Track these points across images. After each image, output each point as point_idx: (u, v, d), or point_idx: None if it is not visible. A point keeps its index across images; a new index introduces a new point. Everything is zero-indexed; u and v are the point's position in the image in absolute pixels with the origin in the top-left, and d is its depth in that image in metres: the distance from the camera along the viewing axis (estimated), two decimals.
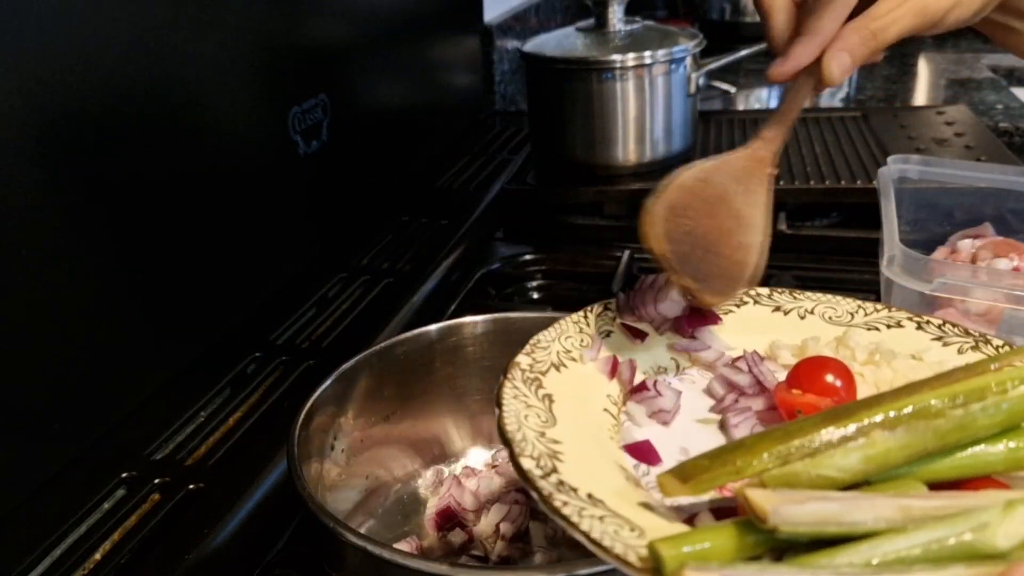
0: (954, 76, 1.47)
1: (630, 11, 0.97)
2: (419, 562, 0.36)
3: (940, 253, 0.69)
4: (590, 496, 0.32)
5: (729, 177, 0.46)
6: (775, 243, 0.45)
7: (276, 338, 0.69)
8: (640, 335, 0.45)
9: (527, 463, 0.33)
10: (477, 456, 0.56)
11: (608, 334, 0.46)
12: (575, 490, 0.32)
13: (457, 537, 0.49)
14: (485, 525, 0.48)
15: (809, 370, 0.41)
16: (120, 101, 0.55)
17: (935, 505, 0.27)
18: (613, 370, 0.43)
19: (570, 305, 0.45)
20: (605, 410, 0.41)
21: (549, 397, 0.39)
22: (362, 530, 0.49)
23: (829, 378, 0.40)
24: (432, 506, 0.51)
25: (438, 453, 0.56)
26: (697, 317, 0.46)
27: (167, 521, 0.49)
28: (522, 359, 0.41)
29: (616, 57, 0.91)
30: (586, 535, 0.29)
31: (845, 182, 0.87)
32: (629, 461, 0.38)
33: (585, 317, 0.46)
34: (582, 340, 0.44)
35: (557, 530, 0.48)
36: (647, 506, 0.33)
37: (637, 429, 0.41)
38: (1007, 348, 0.42)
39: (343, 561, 0.39)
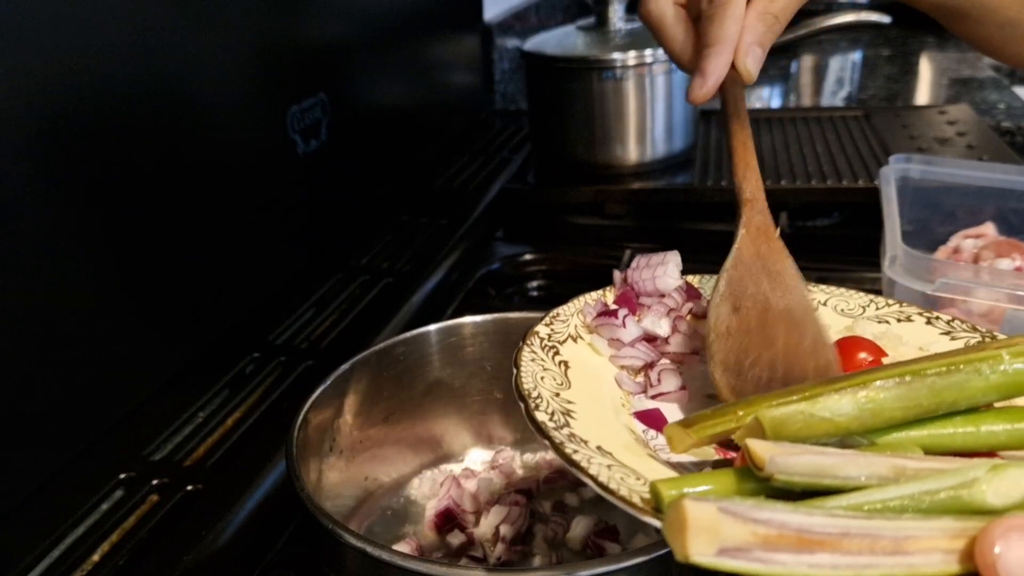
0: (956, 75, 1.47)
1: (631, 10, 0.97)
2: (418, 563, 0.36)
3: (942, 253, 0.69)
4: (599, 448, 0.33)
5: (754, 280, 0.42)
6: None
7: (275, 338, 0.68)
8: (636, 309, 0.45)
9: (541, 416, 0.34)
10: (477, 457, 0.56)
11: None
12: (586, 442, 0.33)
13: (456, 539, 0.49)
14: (485, 527, 0.48)
15: (843, 349, 0.41)
16: (119, 101, 0.55)
17: (928, 467, 0.28)
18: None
19: None
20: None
21: (565, 364, 0.40)
22: (361, 531, 0.48)
23: (862, 355, 0.41)
24: (431, 507, 0.51)
25: (437, 454, 0.56)
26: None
27: (166, 522, 0.49)
28: (541, 329, 0.42)
29: (617, 56, 0.90)
30: (594, 479, 0.31)
31: (847, 182, 0.87)
32: (638, 426, 0.39)
33: (605, 296, 0.47)
34: None
35: (557, 533, 0.48)
36: (653, 461, 0.35)
37: (649, 402, 0.42)
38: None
39: (342, 562, 0.39)
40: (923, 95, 1.40)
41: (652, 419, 0.40)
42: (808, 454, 0.28)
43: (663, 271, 0.45)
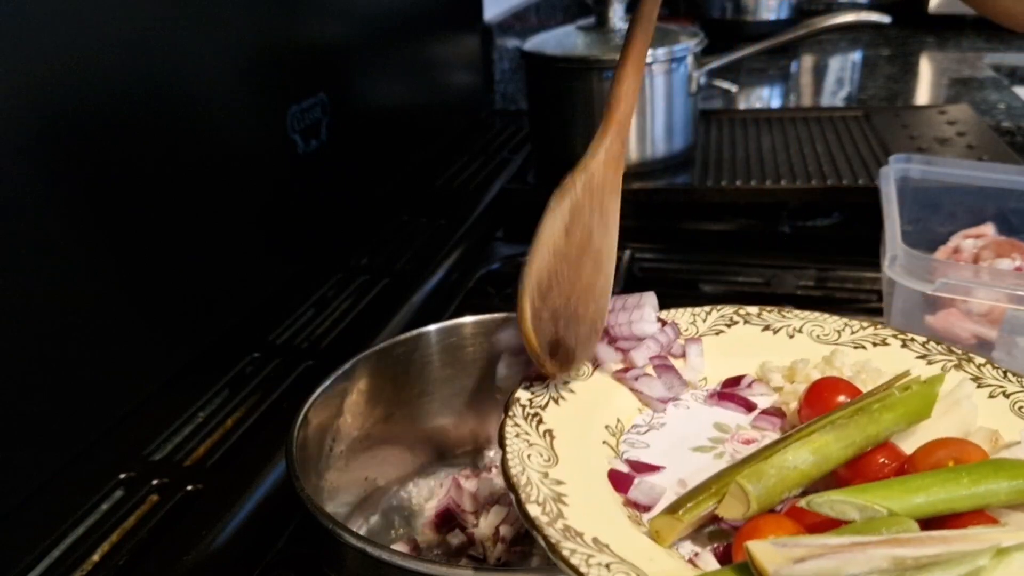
0: (956, 75, 1.47)
1: (631, 9, 0.97)
2: (417, 563, 0.36)
3: (942, 253, 0.68)
4: (595, 540, 0.32)
5: (590, 209, 0.42)
6: (777, 243, 0.44)
7: (275, 338, 0.68)
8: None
9: (534, 510, 0.33)
10: (476, 457, 0.56)
11: None
12: (581, 535, 0.32)
13: (456, 539, 0.48)
14: (484, 527, 0.48)
15: (821, 391, 0.42)
16: (119, 100, 0.55)
17: (927, 553, 0.29)
18: None
19: None
20: (604, 442, 0.41)
21: (550, 433, 0.39)
22: (361, 531, 0.48)
23: (841, 398, 0.41)
24: (431, 507, 0.51)
25: (437, 454, 0.56)
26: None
27: (166, 522, 0.49)
28: (521, 394, 0.41)
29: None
30: None
31: (847, 181, 0.87)
32: None
33: None
34: (580, 370, 0.44)
35: None
36: (652, 548, 0.34)
37: (644, 450, 0.41)
38: (988, 367, 0.44)
39: (342, 562, 0.39)
40: (923, 95, 1.40)
41: (622, 480, 0.39)
42: (810, 558, 0.28)
43: (639, 315, 0.44)
